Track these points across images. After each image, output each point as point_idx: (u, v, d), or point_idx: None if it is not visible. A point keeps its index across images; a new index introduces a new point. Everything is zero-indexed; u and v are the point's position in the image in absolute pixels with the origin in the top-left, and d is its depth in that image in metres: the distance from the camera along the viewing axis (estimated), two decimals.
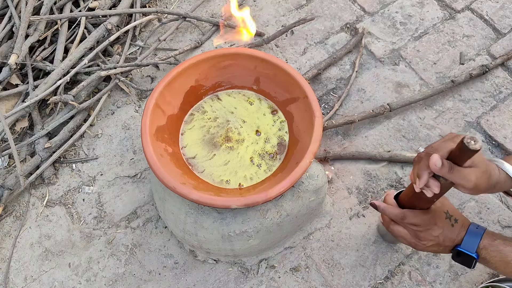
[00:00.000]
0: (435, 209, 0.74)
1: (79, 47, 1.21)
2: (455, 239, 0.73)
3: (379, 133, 1.16)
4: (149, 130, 0.85)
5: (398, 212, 0.76)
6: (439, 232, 0.73)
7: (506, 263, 0.69)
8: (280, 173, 0.88)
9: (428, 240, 0.74)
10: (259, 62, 0.95)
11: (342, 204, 1.06)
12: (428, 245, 0.74)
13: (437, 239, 0.73)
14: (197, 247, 0.95)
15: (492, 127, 1.16)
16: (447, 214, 0.74)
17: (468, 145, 0.55)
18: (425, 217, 0.73)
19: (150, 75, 1.29)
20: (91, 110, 1.20)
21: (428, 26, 1.34)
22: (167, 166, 0.83)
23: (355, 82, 1.24)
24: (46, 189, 1.11)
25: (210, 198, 0.79)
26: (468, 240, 0.72)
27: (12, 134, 1.16)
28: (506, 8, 1.36)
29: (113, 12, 1.26)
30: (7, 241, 1.05)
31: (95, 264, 1.01)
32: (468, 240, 0.72)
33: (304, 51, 1.31)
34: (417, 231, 0.74)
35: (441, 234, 0.73)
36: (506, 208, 1.04)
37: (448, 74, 1.25)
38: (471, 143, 0.55)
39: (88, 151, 1.16)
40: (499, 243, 0.71)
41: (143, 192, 1.10)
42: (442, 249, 0.75)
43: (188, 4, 1.42)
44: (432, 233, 0.73)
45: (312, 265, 0.99)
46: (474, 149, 0.55)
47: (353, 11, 1.38)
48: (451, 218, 0.74)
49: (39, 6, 1.27)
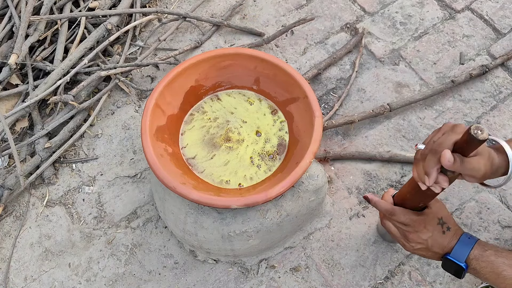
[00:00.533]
0: (429, 212, 0.73)
1: (79, 47, 1.21)
2: (445, 246, 0.72)
3: (379, 133, 1.16)
4: (149, 130, 0.85)
5: (388, 208, 0.75)
6: (428, 236, 0.72)
7: (496, 274, 0.68)
8: (280, 173, 0.88)
9: (416, 243, 0.73)
10: (259, 62, 0.95)
11: (342, 204, 1.06)
12: (416, 248, 0.74)
13: (426, 243, 0.72)
14: (197, 247, 0.95)
15: (492, 127, 1.16)
16: (440, 220, 0.73)
17: (476, 136, 0.53)
18: (415, 218, 0.73)
19: (150, 75, 1.29)
20: (91, 110, 1.20)
21: (428, 26, 1.34)
22: (167, 166, 0.83)
23: (355, 82, 1.24)
24: (46, 189, 1.11)
25: (210, 198, 0.79)
26: (458, 249, 0.70)
27: (12, 134, 1.16)
28: (506, 8, 1.36)
29: (113, 12, 1.26)
30: (7, 241, 1.05)
31: (95, 264, 1.01)
32: (458, 249, 0.71)
33: (304, 51, 1.31)
34: (406, 231, 0.74)
35: (430, 238, 0.72)
36: (506, 208, 1.04)
37: (448, 74, 1.25)
38: (479, 133, 0.53)
39: (88, 151, 1.16)
40: (490, 254, 0.69)
41: (143, 192, 1.10)
42: (431, 255, 0.74)
43: (188, 4, 1.42)
44: (421, 236, 0.72)
45: (312, 265, 0.99)
46: (483, 139, 0.53)
47: (353, 11, 1.38)
48: (444, 225, 0.73)
49: (39, 6, 1.27)
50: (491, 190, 1.06)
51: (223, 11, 1.39)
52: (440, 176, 0.62)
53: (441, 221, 0.73)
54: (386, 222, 0.78)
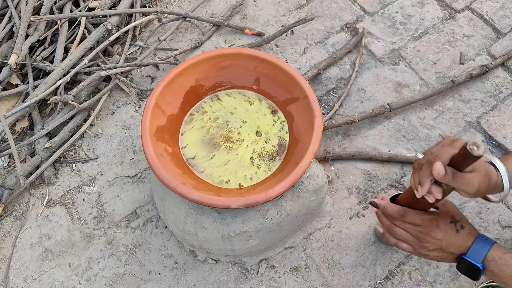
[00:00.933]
0: (440, 211, 0.72)
1: (79, 47, 1.21)
2: (460, 246, 0.70)
3: (379, 133, 1.16)
4: (149, 130, 0.85)
5: (399, 209, 0.73)
6: (442, 235, 0.70)
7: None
8: (280, 173, 0.88)
9: (430, 243, 0.71)
10: (259, 62, 0.95)
11: (342, 204, 1.06)
12: (431, 249, 0.71)
13: (440, 243, 0.70)
14: (197, 247, 0.95)
15: (492, 127, 1.16)
16: (452, 218, 0.71)
17: (471, 152, 0.54)
18: (427, 217, 0.71)
19: (150, 75, 1.29)
20: (91, 110, 1.20)
21: (428, 26, 1.34)
22: (167, 166, 0.83)
23: (355, 82, 1.24)
24: (46, 189, 1.11)
25: (210, 198, 0.79)
26: (475, 249, 0.68)
27: (12, 134, 1.16)
28: (506, 8, 1.36)
29: (113, 12, 1.26)
30: (7, 241, 1.05)
31: (95, 264, 1.01)
32: (475, 249, 0.68)
33: (304, 51, 1.31)
34: (418, 231, 0.72)
35: (443, 238, 0.70)
36: (506, 208, 1.04)
37: (448, 74, 1.25)
38: (474, 149, 0.54)
39: (88, 151, 1.16)
40: (510, 257, 0.66)
41: (143, 192, 1.10)
42: (445, 256, 0.72)
43: (188, 4, 1.42)
44: (434, 235, 0.70)
45: (312, 265, 0.99)
46: (478, 155, 0.54)
47: (353, 11, 1.38)
48: (457, 223, 0.71)
49: (39, 6, 1.27)
50: None
51: (223, 11, 1.39)
52: (434, 187, 0.62)
53: (453, 219, 0.71)
54: (397, 230, 0.75)
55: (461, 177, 0.60)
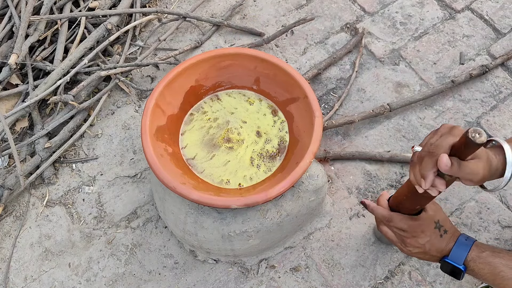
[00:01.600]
0: (426, 217, 0.73)
1: (79, 47, 1.21)
2: (443, 249, 0.72)
3: (379, 133, 1.16)
4: (149, 130, 0.85)
5: (386, 214, 0.75)
6: (426, 240, 0.72)
7: (494, 275, 0.68)
8: (280, 173, 0.88)
9: (413, 247, 0.73)
10: (259, 62, 0.95)
11: (342, 204, 1.06)
12: (414, 252, 0.74)
13: (423, 247, 0.72)
14: (197, 247, 0.95)
15: (492, 127, 1.16)
16: (437, 224, 0.73)
17: (474, 139, 0.52)
18: (413, 223, 0.72)
19: (150, 75, 1.29)
20: (91, 110, 1.20)
21: (428, 26, 1.34)
22: (167, 166, 0.83)
23: (355, 82, 1.24)
24: (46, 189, 1.11)
25: (210, 198, 0.79)
26: (456, 252, 0.71)
27: (12, 134, 1.16)
28: (506, 8, 1.36)
29: (113, 12, 1.26)
30: (7, 241, 1.05)
31: (95, 264, 1.01)
32: (455, 251, 0.71)
33: (304, 51, 1.31)
34: (403, 236, 0.74)
35: (427, 243, 0.72)
36: (506, 208, 1.04)
37: (448, 74, 1.25)
38: (476, 136, 0.51)
39: (88, 151, 1.16)
40: (488, 255, 0.69)
41: (143, 192, 1.10)
42: (428, 258, 0.74)
43: (188, 4, 1.42)
44: (419, 241, 0.72)
45: (312, 265, 0.99)
46: (481, 142, 0.52)
47: (353, 11, 1.38)
48: (441, 228, 0.73)
49: (39, 6, 1.27)
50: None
51: (223, 11, 1.39)
52: (437, 179, 0.60)
53: (438, 224, 0.73)
54: (383, 228, 0.78)
55: (466, 166, 0.58)
